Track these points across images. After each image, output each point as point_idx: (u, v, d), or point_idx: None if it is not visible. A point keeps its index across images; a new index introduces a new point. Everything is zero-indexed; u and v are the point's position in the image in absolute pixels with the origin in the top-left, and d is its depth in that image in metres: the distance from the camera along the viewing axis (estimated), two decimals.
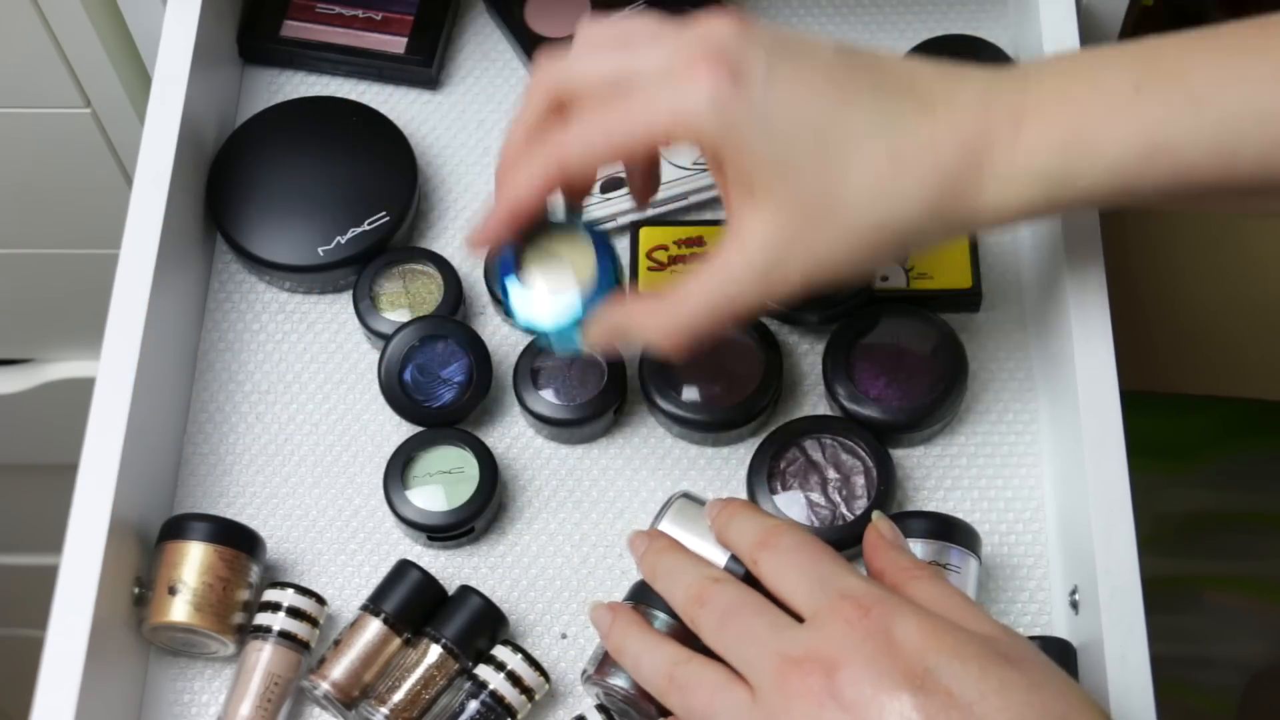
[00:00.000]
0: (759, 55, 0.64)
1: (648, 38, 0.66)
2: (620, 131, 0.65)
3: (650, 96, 0.65)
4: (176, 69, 0.83)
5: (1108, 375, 0.75)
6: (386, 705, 0.73)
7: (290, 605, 0.75)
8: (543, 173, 0.67)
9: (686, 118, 0.64)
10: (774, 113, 0.64)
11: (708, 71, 0.63)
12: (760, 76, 0.64)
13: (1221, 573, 1.39)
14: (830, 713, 0.56)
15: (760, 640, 0.59)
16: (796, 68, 0.65)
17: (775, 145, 0.64)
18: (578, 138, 0.66)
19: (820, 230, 0.65)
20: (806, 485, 0.79)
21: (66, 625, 0.70)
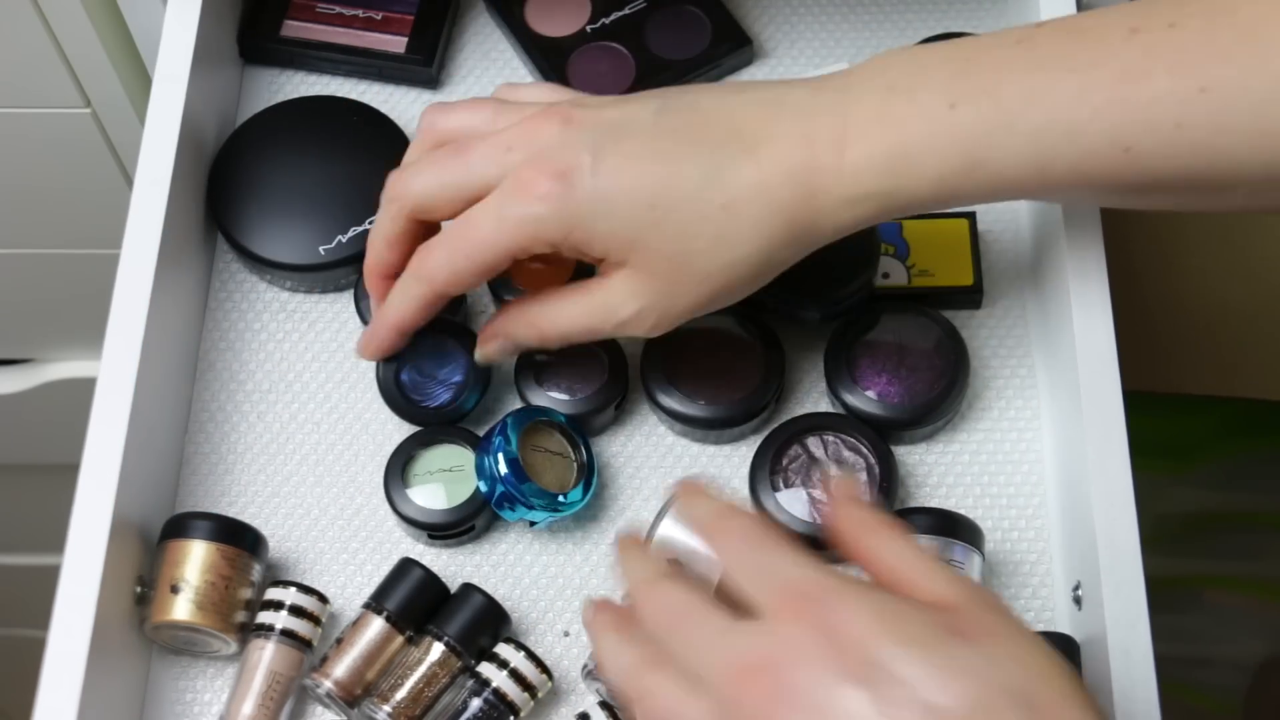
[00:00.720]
0: (583, 149, 0.69)
1: (478, 143, 0.72)
2: (478, 255, 0.71)
3: (496, 221, 0.70)
4: (176, 69, 0.83)
5: (1110, 370, 0.75)
6: (389, 703, 0.73)
7: (293, 604, 0.75)
8: (421, 298, 0.74)
9: (532, 232, 0.70)
10: (608, 198, 0.69)
11: (540, 182, 0.69)
12: (587, 170, 0.69)
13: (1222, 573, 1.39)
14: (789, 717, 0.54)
15: (708, 646, 0.58)
16: (619, 150, 0.69)
17: (617, 226, 0.69)
18: (443, 268, 0.73)
19: (678, 286, 0.71)
20: (809, 483, 0.79)
21: (68, 625, 0.70)
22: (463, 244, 0.72)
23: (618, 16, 0.93)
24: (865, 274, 0.81)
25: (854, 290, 0.81)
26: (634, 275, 0.71)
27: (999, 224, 0.86)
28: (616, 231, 0.69)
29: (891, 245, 0.84)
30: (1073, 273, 0.77)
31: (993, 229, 0.86)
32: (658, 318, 0.72)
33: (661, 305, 0.71)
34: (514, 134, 0.71)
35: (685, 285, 0.71)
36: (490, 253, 0.71)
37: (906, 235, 0.84)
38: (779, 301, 0.81)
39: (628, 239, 0.69)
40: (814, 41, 0.93)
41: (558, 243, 0.70)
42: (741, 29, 0.92)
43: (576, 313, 0.73)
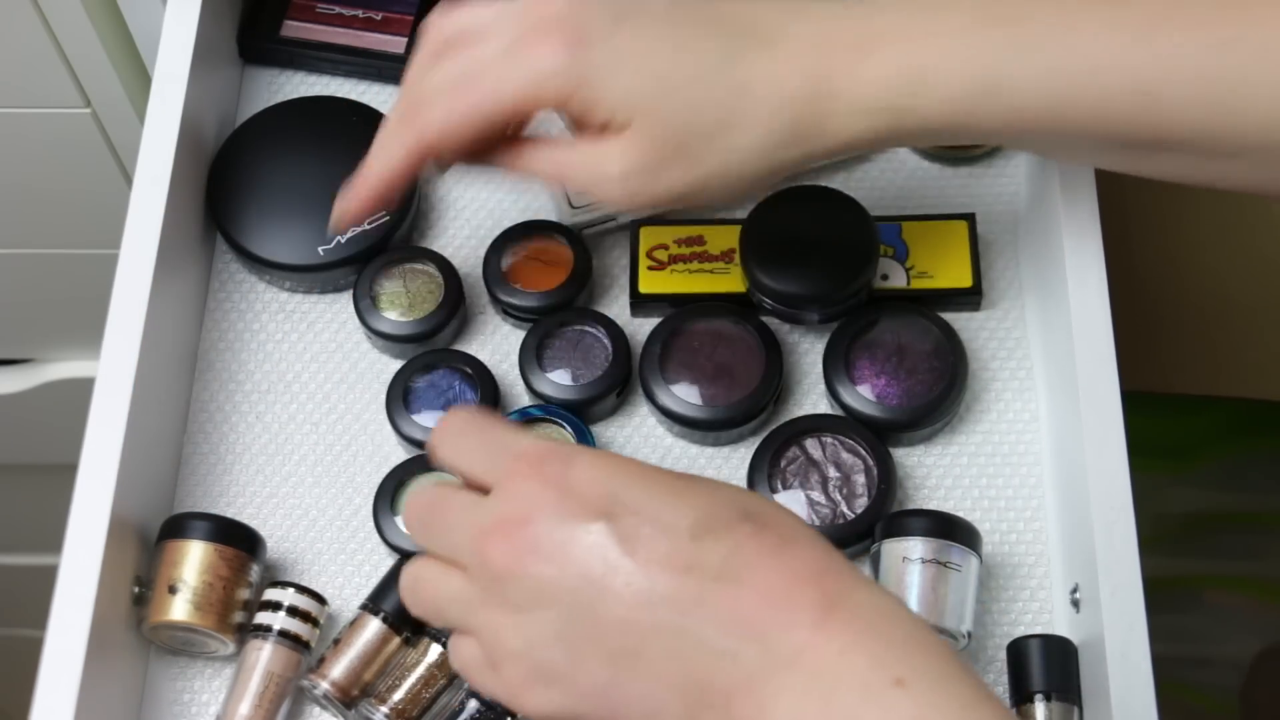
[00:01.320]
0: (597, 17, 0.68)
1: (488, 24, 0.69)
2: (479, 103, 0.68)
3: (502, 70, 0.68)
4: (176, 69, 0.83)
5: (1108, 372, 0.75)
6: (387, 704, 0.73)
7: (290, 604, 0.75)
8: (409, 145, 0.70)
9: (539, 82, 0.68)
10: (618, 65, 0.67)
11: (552, 39, 0.67)
12: (602, 35, 0.67)
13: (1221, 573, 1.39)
14: (533, 565, 0.57)
15: (455, 525, 0.60)
16: (635, 23, 0.68)
17: (623, 93, 0.67)
18: (438, 112, 0.69)
19: (671, 161, 0.69)
20: (807, 484, 0.79)
21: (66, 625, 0.70)
22: (464, 92, 0.69)
23: None
24: (864, 275, 0.81)
25: (853, 292, 0.81)
26: (631, 140, 0.68)
27: (998, 226, 0.86)
28: (624, 96, 0.67)
29: (890, 247, 0.84)
30: (1071, 274, 0.77)
31: (992, 231, 0.86)
32: (638, 187, 0.69)
33: (647, 176, 0.69)
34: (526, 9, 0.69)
35: (679, 162, 0.69)
36: (492, 102, 0.68)
37: (905, 237, 0.84)
38: (778, 303, 0.81)
39: (633, 104, 0.68)
40: None
41: (563, 99, 0.68)
42: None
43: (568, 156, 0.70)
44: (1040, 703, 0.72)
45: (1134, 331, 0.94)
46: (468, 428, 0.62)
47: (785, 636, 0.55)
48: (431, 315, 0.83)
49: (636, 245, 0.85)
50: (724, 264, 0.84)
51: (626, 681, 0.57)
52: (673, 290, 0.84)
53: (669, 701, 0.56)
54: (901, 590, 0.73)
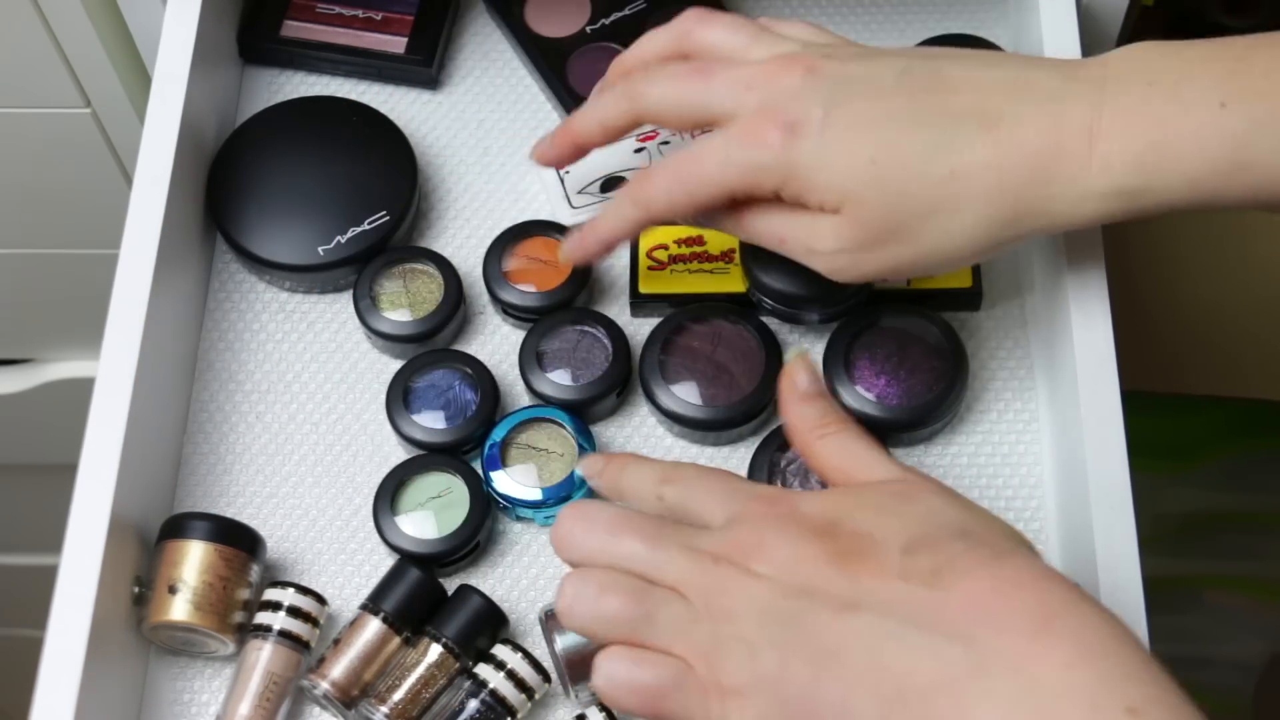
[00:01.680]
0: (816, 104, 0.69)
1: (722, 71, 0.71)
2: (698, 191, 0.71)
3: (721, 159, 0.70)
4: (176, 69, 0.83)
5: (1109, 373, 0.75)
6: (386, 704, 0.73)
7: (291, 604, 0.75)
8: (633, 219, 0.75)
9: (753, 175, 0.70)
10: (830, 155, 0.68)
11: (771, 129, 0.69)
12: (816, 125, 0.68)
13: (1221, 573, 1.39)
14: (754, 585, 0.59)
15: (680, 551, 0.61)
16: (853, 109, 0.69)
17: (836, 180, 0.69)
18: (661, 196, 0.73)
19: (881, 243, 0.70)
20: (807, 484, 0.79)
21: (66, 625, 0.70)
22: (685, 177, 0.72)
23: (618, 17, 0.93)
24: None
25: (853, 292, 0.81)
26: (843, 221, 0.69)
27: None
28: (833, 184, 0.69)
29: None
30: (1071, 274, 0.77)
31: None
32: (848, 263, 0.71)
33: (858, 255, 0.70)
34: (758, 73, 0.70)
35: (889, 244, 0.69)
36: (709, 190, 0.71)
37: None
38: (778, 303, 0.81)
39: (844, 190, 0.69)
40: None
41: (775, 189, 0.70)
42: None
43: (784, 224, 0.72)
44: None
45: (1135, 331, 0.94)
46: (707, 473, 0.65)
47: (996, 640, 0.54)
48: (432, 315, 0.83)
49: (636, 245, 0.85)
50: (724, 264, 0.84)
51: (827, 685, 0.57)
52: (673, 290, 0.84)
53: (864, 704, 0.56)
54: None
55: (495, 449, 0.79)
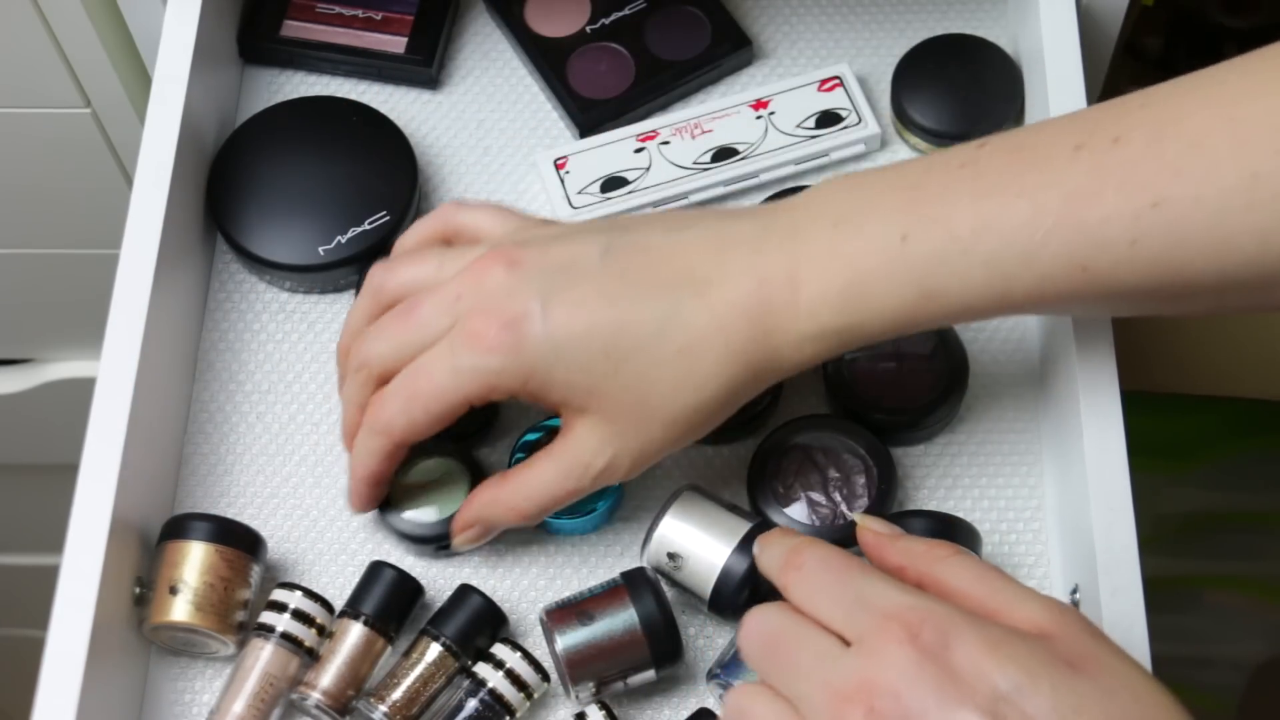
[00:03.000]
0: (531, 296, 0.68)
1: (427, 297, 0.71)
2: (434, 406, 0.70)
3: (449, 370, 0.69)
4: (176, 69, 0.83)
5: (1108, 373, 0.75)
6: (385, 703, 0.73)
7: (296, 608, 0.74)
8: (381, 450, 0.73)
9: (488, 380, 0.69)
10: (560, 346, 0.68)
11: (487, 332, 0.68)
12: (537, 317, 0.68)
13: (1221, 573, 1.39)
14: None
15: (808, 674, 0.57)
16: (568, 296, 0.68)
17: (573, 373, 0.68)
18: (399, 418, 0.71)
19: (641, 429, 0.69)
20: (807, 485, 0.79)
21: (67, 625, 0.70)
22: (418, 395, 0.71)
23: (617, 17, 0.93)
24: None
25: None
26: (598, 423, 0.69)
27: None
28: (573, 380, 0.68)
29: None
30: None
31: None
32: (631, 462, 0.70)
33: (632, 449, 0.70)
34: (461, 281, 0.70)
35: (650, 429, 0.69)
36: (445, 403, 0.70)
37: None
38: None
39: (585, 387, 0.68)
40: (814, 42, 0.93)
41: (515, 391, 0.69)
42: (741, 29, 0.92)
43: (550, 479, 0.71)
44: None
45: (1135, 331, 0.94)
46: (826, 569, 0.60)
47: None
48: None
49: None
50: None
51: None
52: None
53: None
54: None
55: (520, 460, 0.78)
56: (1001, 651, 0.54)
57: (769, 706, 0.58)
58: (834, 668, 0.56)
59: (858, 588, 0.58)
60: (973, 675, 0.53)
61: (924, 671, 0.53)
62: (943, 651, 0.54)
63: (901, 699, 0.53)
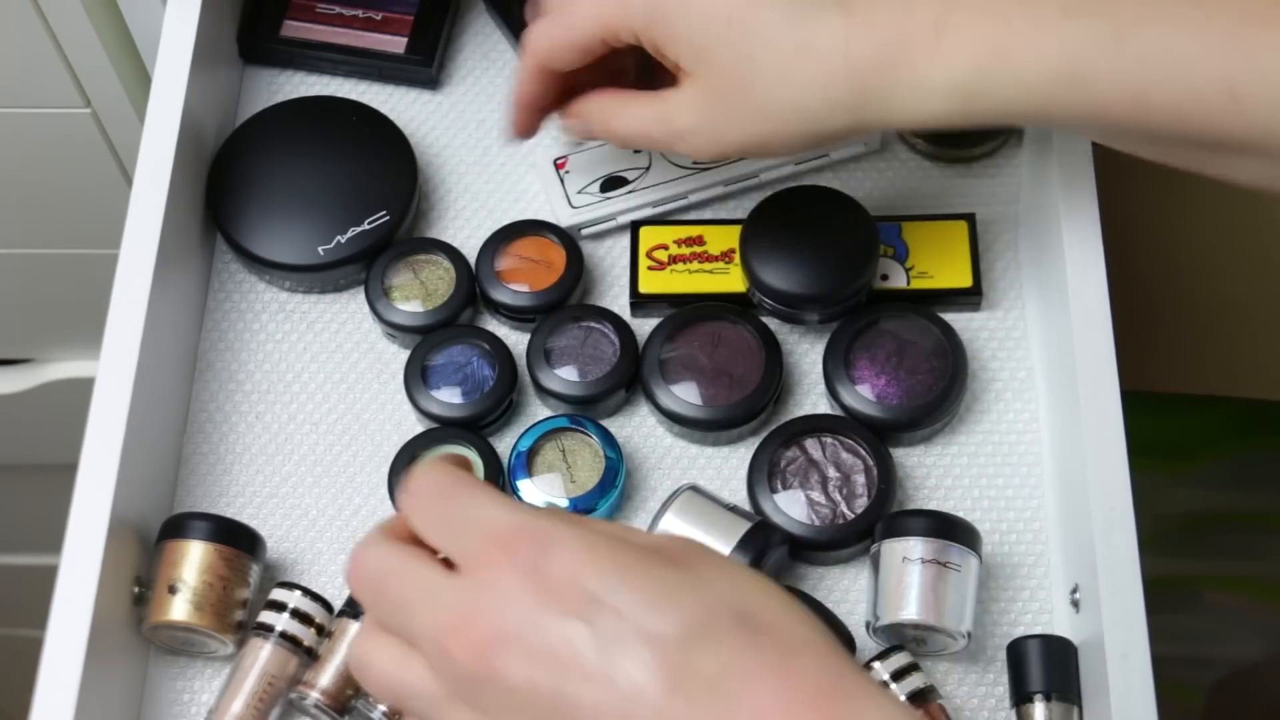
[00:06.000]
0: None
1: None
2: (572, 30, 0.73)
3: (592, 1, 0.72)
4: (176, 69, 0.83)
5: (1108, 373, 0.75)
6: (385, 702, 0.73)
7: (295, 607, 0.74)
8: (528, 68, 0.76)
9: (621, 13, 0.71)
10: (691, 6, 0.70)
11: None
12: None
13: (1221, 573, 1.39)
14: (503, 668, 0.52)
15: (418, 611, 0.55)
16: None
17: (693, 33, 0.70)
18: (541, 39, 0.75)
19: (735, 111, 0.70)
20: (807, 484, 0.79)
21: (66, 625, 0.70)
22: (560, 20, 0.74)
23: None
24: (864, 275, 0.81)
25: (853, 292, 0.81)
26: (697, 89, 0.71)
27: (998, 226, 0.86)
28: (691, 36, 0.69)
29: (890, 247, 0.84)
30: (1071, 274, 0.77)
31: (992, 231, 0.86)
32: (708, 138, 0.72)
33: (715, 127, 0.71)
34: None
35: (742, 113, 0.70)
36: (581, 29, 0.73)
37: (905, 237, 0.84)
38: (778, 303, 0.81)
39: (699, 46, 0.69)
40: None
41: (640, 32, 0.71)
42: None
43: (639, 114, 0.74)
44: (1040, 703, 0.72)
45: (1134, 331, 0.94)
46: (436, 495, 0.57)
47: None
48: (445, 304, 0.83)
49: (636, 245, 0.85)
50: (724, 264, 0.84)
51: None
52: (673, 290, 0.84)
53: None
54: (901, 590, 0.73)
55: (521, 458, 0.79)
56: (596, 553, 0.53)
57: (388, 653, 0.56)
58: (440, 601, 0.54)
59: (463, 509, 0.56)
60: (567, 583, 0.52)
61: (522, 590, 0.52)
62: (540, 565, 0.53)
63: (500, 623, 0.52)
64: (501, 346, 0.82)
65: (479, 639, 0.52)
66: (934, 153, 0.88)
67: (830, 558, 0.79)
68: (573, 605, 0.52)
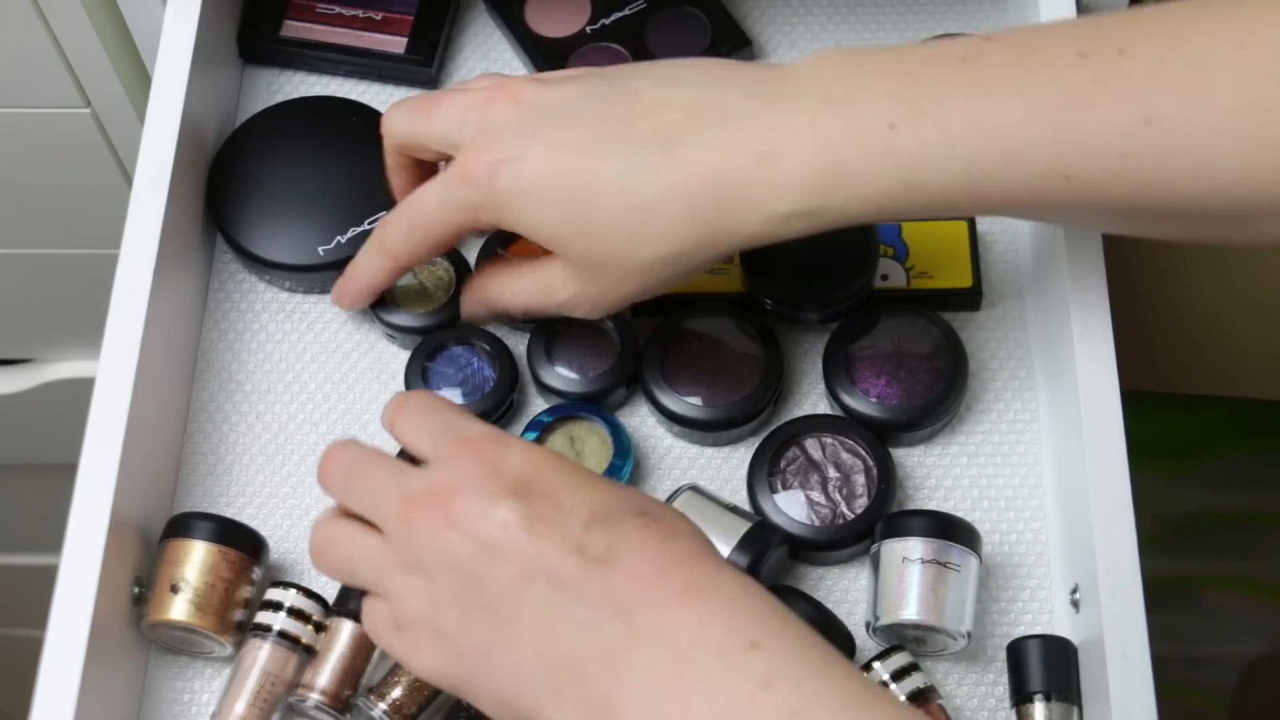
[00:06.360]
0: (516, 139, 0.71)
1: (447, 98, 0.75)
2: (430, 233, 0.75)
3: (439, 200, 0.74)
4: (176, 69, 0.83)
5: (1108, 373, 0.75)
6: (385, 700, 0.73)
7: (292, 606, 0.74)
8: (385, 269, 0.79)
9: (471, 213, 0.73)
10: (528, 191, 0.71)
11: (473, 169, 0.72)
12: (515, 161, 0.71)
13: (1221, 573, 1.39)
14: (445, 535, 0.62)
15: (382, 487, 0.65)
16: (550, 139, 0.71)
17: (540, 216, 0.71)
18: (401, 243, 0.77)
19: (603, 278, 0.72)
20: (807, 484, 0.79)
21: (66, 625, 0.70)
22: (416, 221, 0.75)
23: (618, 17, 0.93)
24: (864, 276, 0.81)
25: (853, 292, 0.81)
26: (565, 265, 0.73)
27: (998, 226, 0.86)
28: (539, 224, 0.71)
29: (890, 247, 0.84)
30: (1071, 274, 0.77)
31: (992, 231, 0.86)
32: (592, 304, 0.74)
33: (592, 293, 0.73)
34: (475, 102, 0.73)
35: (610, 278, 0.72)
36: (438, 231, 0.75)
37: (905, 237, 0.84)
38: (778, 303, 0.81)
39: (550, 231, 0.71)
40: (814, 42, 0.93)
41: (496, 225, 0.73)
42: (741, 30, 0.92)
43: (523, 289, 0.77)
44: (1040, 703, 0.72)
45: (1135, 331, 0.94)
46: (422, 407, 0.68)
47: (648, 612, 0.59)
48: (448, 305, 0.83)
49: None
50: (724, 264, 0.84)
51: (503, 649, 0.61)
52: (672, 290, 0.84)
53: (536, 671, 0.60)
54: (901, 590, 0.73)
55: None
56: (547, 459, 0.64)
57: (348, 531, 0.66)
58: (408, 481, 0.64)
59: (443, 417, 0.66)
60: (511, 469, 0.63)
61: (475, 471, 0.62)
62: (498, 460, 0.63)
63: (454, 498, 0.62)
64: (501, 347, 0.82)
65: (433, 512, 0.62)
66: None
67: (830, 558, 0.79)
68: (512, 485, 0.62)
